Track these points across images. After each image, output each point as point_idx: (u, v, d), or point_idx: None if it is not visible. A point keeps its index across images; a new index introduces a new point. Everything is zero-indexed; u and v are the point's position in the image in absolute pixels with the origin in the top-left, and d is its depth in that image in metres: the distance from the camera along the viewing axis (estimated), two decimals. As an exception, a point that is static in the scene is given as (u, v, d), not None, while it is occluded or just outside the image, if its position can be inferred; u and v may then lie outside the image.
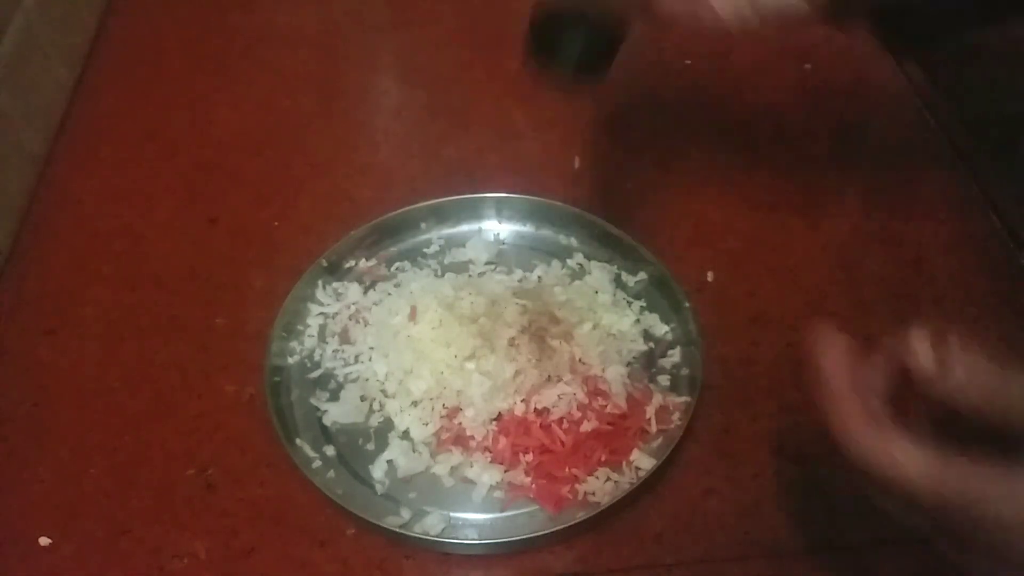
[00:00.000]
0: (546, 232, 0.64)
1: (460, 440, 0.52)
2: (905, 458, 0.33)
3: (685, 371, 0.56)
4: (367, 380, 0.55)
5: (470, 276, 0.61)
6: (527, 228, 0.64)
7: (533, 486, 0.50)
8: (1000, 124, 0.62)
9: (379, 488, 0.51)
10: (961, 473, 0.32)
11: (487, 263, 0.62)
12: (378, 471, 0.51)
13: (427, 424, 0.53)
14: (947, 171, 0.68)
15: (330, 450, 0.52)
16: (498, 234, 0.64)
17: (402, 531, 0.48)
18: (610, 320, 0.57)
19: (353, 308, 0.59)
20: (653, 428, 0.52)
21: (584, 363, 0.54)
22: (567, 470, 0.50)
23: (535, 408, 0.52)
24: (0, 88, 0.64)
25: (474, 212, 0.64)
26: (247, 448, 0.53)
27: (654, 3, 0.46)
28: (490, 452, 0.51)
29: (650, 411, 0.53)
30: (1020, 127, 0.59)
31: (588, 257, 0.62)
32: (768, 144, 0.70)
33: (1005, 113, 0.57)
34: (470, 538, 0.49)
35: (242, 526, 0.50)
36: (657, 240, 0.61)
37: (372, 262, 0.62)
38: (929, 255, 0.63)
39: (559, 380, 0.53)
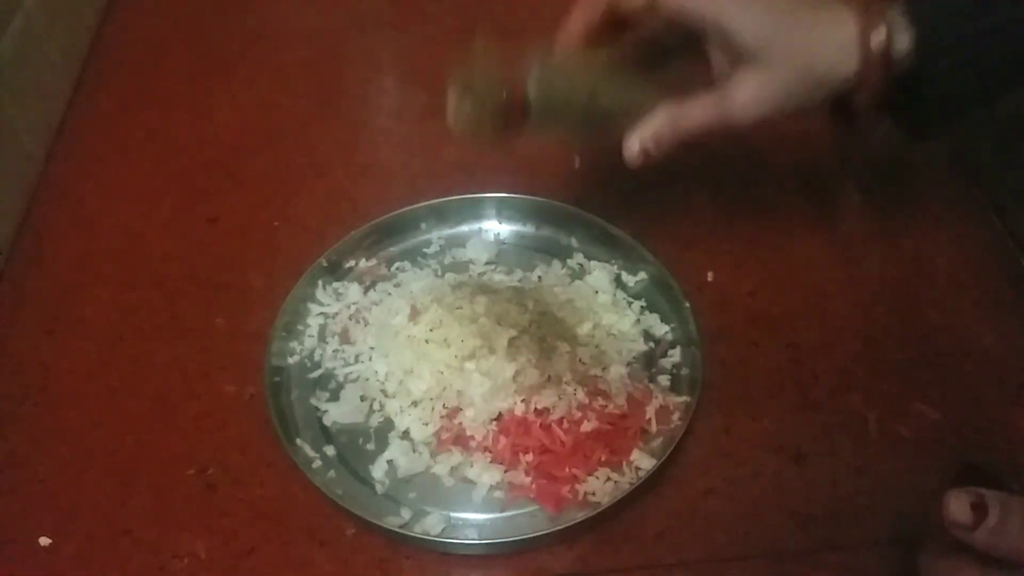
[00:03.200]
0: (546, 232, 0.64)
1: (460, 440, 0.52)
2: None
3: (685, 371, 0.56)
4: (367, 380, 0.55)
5: (470, 276, 0.61)
6: (527, 228, 0.64)
7: (533, 486, 0.50)
8: (1000, 124, 0.62)
9: (379, 488, 0.51)
10: None
11: (487, 263, 0.62)
12: (378, 471, 0.51)
13: (427, 424, 0.53)
14: (947, 171, 0.68)
15: (330, 450, 0.52)
16: (498, 234, 0.64)
17: (402, 531, 0.48)
18: (610, 320, 0.57)
19: (353, 308, 0.59)
20: (653, 428, 0.52)
21: (584, 363, 0.54)
22: (567, 470, 0.50)
23: (535, 408, 0.52)
24: (0, 88, 0.64)
25: (474, 212, 0.64)
26: (247, 448, 0.53)
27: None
28: (490, 452, 0.51)
29: (650, 411, 0.53)
30: (1020, 127, 0.59)
31: (588, 257, 0.62)
32: (768, 144, 0.70)
33: (1005, 114, 0.57)
34: (470, 538, 0.49)
35: (242, 526, 0.50)
36: (657, 240, 0.61)
37: (372, 262, 0.62)
38: (929, 255, 0.63)
39: (559, 380, 0.53)
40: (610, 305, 0.58)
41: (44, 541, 0.49)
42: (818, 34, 0.47)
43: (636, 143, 0.49)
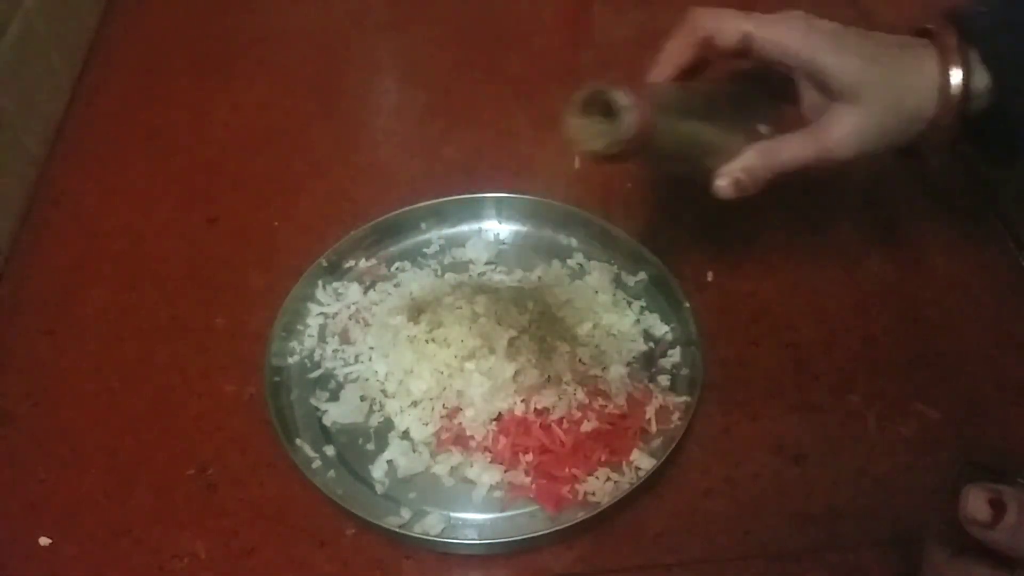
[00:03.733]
0: (546, 232, 0.64)
1: (460, 440, 0.52)
2: None
3: (685, 371, 0.56)
4: (367, 380, 0.55)
5: (470, 276, 0.61)
6: (527, 228, 0.64)
7: (533, 486, 0.50)
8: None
9: (379, 488, 0.51)
10: None
11: (487, 263, 0.62)
12: (378, 471, 0.51)
13: (427, 424, 0.53)
14: (947, 172, 0.68)
15: (330, 450, 0.52)
16: (498, 234, 0.64)
17: (402, 531, 0.48)
18: (610, 320, 0.57)
19: (353, 308, 0.59)
20: (653, 428, 0.52)
21: (584, 363, 0.54)
22: (567, 470, 0.50)
23: (535, 408, 0.52)
24: (0, 88, 0.64)
25: (474, 212, 0.64)
26: (247, 448, 0.53)
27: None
28: (490, 452, 0.51)
29: (650, 411, 0.53)
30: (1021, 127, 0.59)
31: (588, 257, 0.62)
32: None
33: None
34: (470, 538, 0.49)
35: (242, 526, 0.50)
36: (657, 240, 0.61)
37: (372, 262, 0.62)
38: (929, 255, 0.63)
39: (559, 380, 0.53)
40: (610, 305, 0.58)
41: (44, 541, 0.49)
42: (905, 74, 0.49)
43: (727, 177, 0.50)
